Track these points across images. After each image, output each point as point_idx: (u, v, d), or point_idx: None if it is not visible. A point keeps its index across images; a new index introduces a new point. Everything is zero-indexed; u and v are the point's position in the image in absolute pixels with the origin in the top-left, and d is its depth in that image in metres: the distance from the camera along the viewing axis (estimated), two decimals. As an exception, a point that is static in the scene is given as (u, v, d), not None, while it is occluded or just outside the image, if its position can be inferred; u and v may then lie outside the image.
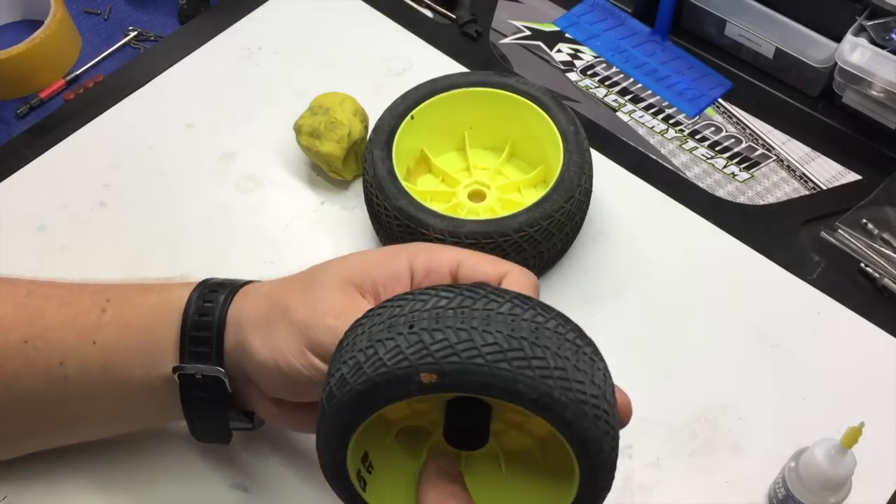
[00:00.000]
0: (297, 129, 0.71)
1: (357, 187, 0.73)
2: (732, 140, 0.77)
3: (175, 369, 0.48)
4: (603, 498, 0.38)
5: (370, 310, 0.39)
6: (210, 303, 0.49)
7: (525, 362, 0.34)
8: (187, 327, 0.48)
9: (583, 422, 0.35)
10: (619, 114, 0.79)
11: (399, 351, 0.35)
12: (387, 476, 0.43)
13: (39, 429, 0.53)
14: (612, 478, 0.38)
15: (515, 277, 0.46)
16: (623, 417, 0.42)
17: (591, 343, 0.39)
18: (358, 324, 0.39)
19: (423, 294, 0.38)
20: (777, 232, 0.71)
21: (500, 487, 0.44)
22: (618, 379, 0.62)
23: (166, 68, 0.83)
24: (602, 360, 0.39)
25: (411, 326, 0.36)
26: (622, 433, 0.40)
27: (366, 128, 0.72)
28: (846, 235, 0.70)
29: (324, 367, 0.44)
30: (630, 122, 0.78)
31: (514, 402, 0.34)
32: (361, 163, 0.71)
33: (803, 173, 0.75)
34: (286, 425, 0.54)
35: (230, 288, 0.50)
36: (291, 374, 0.45)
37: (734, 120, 0.78)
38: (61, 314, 0.50)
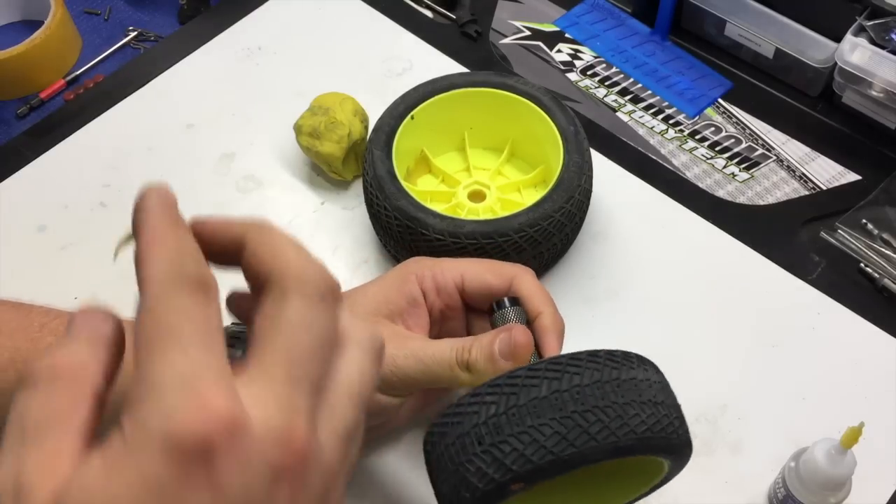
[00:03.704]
0: (297, 129, 0.71)
1: (357, 187, 0.73)
2: (732, 140, 0.77)
3: None
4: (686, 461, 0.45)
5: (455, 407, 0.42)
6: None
7: (586, 435, 0.39)
8: None
9: (652, 442, 0.40)
10: (619, 114, 0.79)
11: (470, 478, 0.40)
12: None
13: None
14: (690, 448, 0.44)
15: (522, 282, 0.49)
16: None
17: (625, 360, 0.43)
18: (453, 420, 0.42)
19: (473, 404, 0.41)
20: (777, 232, 0.71)
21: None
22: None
23: (166, 68, 0.83)
24: (638, 362, 0.43)
25: (480, 443, 0.40)
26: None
27: (366, 128, 0.72)
28: (846, 235, 0.69)
29: (373, 397, 0.46)
30: (630, 123, 0.78)
31: (595, 464, 0.39)
32: (361, 163, 0.71)
33: (803, 173, 0.74)
34: None
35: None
36: None
37: (734, 120, 0.78)
38: None
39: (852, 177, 0.74)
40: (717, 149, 0.76)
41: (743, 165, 0.75)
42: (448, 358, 0.48)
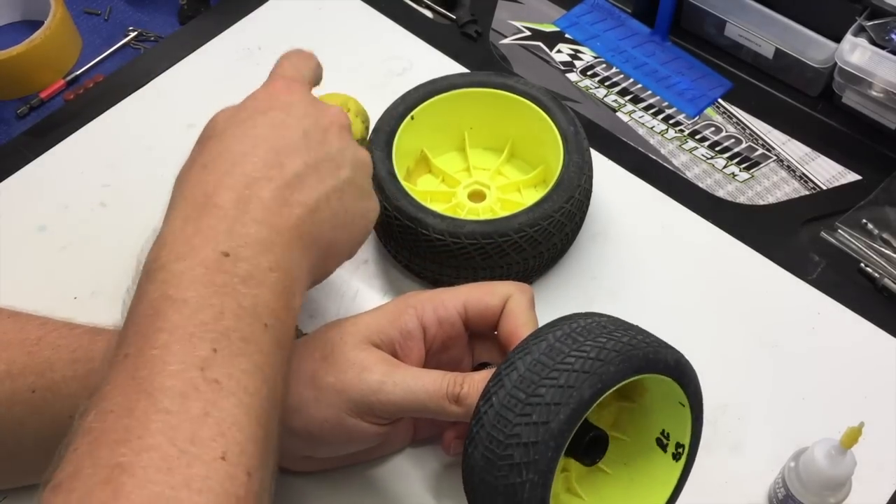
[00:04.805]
0: (297, 129, 0.71)
1: (357, 187, 0.73)
2: (732, 140, 0.77)
3: None
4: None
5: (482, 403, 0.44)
6: None
7: (596, 376, 0.43)
8: None
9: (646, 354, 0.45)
10: (619, 114, 0.79)
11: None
12: None
13: (44, 468, 0.52)
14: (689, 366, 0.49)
15: (517, 301, 0.51)
16: None
17: (587, 314, 0.48)
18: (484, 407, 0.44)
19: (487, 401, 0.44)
20: (777, 232, 0.71)
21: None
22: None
23: (166, 68, 0.83)
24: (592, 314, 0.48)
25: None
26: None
27: (366, 128, 0.72)
28: (846, 235, 0.70)
29: (360, 424, 0.49)
30: (630, 123, 0.78)
31: (624, 382, 0.44)
32: (361, 163, 0.71)
33: (803, 173, 0.75)
34: (305, 469, 0.56)
35: None
36: (323, 438, 0.49)
37: (734, 120, 0.78)
38: (72, 369, 0.49)
39: (852, 177, 0.74)
40: (717, 149, 0.76)
41: (743, 165, 0.75)
42: (437, 390, 0.48)
